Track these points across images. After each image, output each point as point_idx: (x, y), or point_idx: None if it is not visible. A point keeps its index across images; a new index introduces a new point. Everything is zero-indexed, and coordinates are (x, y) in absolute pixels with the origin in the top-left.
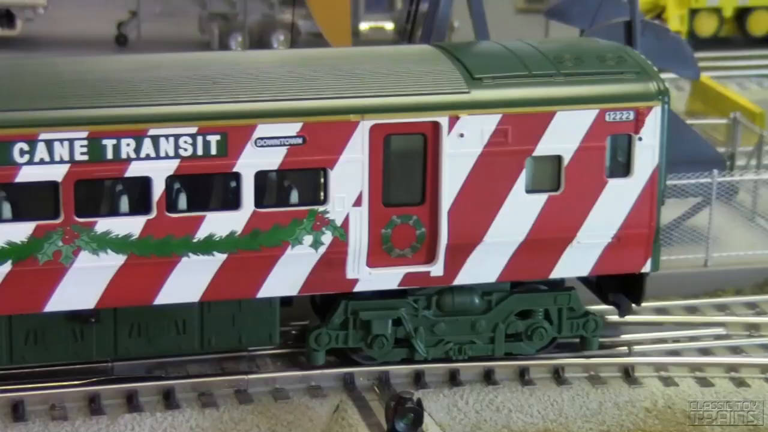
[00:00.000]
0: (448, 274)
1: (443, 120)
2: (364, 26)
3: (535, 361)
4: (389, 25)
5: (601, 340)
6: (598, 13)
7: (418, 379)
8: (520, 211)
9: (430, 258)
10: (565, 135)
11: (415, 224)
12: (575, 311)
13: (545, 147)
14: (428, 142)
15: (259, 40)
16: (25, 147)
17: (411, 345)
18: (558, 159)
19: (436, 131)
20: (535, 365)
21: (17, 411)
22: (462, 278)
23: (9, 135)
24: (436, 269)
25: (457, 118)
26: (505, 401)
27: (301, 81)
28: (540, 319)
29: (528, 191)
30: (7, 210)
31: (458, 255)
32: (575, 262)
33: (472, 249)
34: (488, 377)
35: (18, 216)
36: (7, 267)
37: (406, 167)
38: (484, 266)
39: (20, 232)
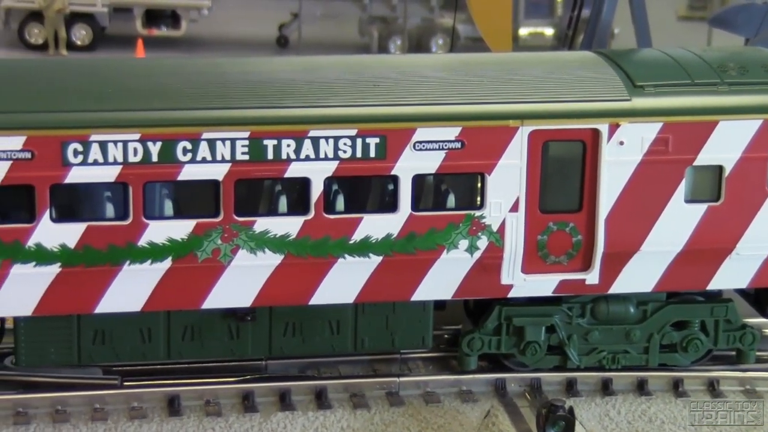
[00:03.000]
0: (603, 282)
1: (603, 127)
2: (523, 32)
3: (690, 372)
4: (549, 31)
5: (758, 353)
6: (763, 22)
7: (570, 387)
8: (678, 220)
9: (586, 266)
10: (727, 145)
11: (572, 231)
12: (732, 323)
13: (706, 157)
14: (587, 149)
15: (418, 44)
16: (188, 146)
17: (564, 352)
18: (719, 169)
19: (595, 138)
20: (690, 377)
21: (173, 405)
22: (617, 287)
23: (173, 134)
24: (592, 277)
25: (618, 125)
26: (657, 412)
27: (461, 85)
28: (696, 331)
29: (687, 201)
30: (168, 207)
31: (614, 263)
32: (734, 274)
33: (629, 258)
34: (641, 387)
35: (179, 213)
36: (167, 263)
37: (563, 174)
38: (640, 275)
39: (181, 229)
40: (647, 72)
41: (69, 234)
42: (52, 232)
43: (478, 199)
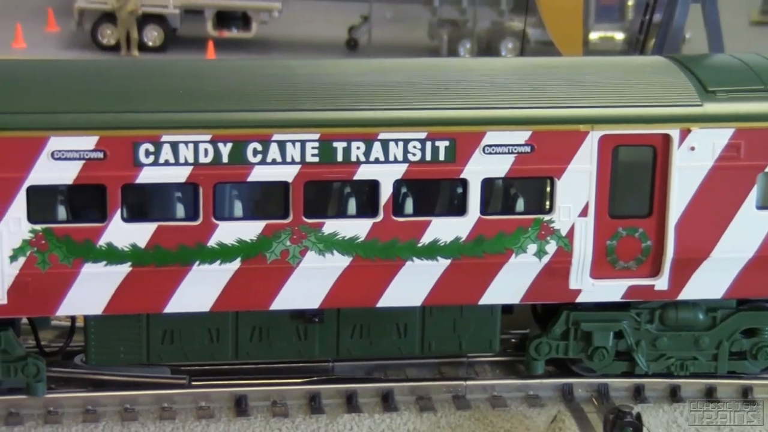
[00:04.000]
0: (672, 288)
1: (674, 133)
2: (594, 36)
3: (760, 380)
4: (620, 35)
5: None
6: None
7: (638, 393)
8: (749, 227)
9: (655, 271)
10: None
11: (641, 237)
12: None
13: None
14: (658, 154)
15: (488, 47)
16: (259, 147)
17: (632, 358)
18: None
19: (666, 144)
20: (759, 385)
21: (240, 405)
22: (687, 293)
23: (244, 135)
24: (661, 283)
25: (689, 131)
26: (726, 420)
27: (532, 89)
28: (766, 338)
29: (759, 207)
30: (238, 208)
31: (684, 269)
32: None
33: (699, 264)
34: (710, 394)
35: (248, 215)
36: (236, 264)
37: (633, 179)
38: (710, 282)
39: (250, 230)
40: (719, 77)
41: (139, 234)
42: (123, 232)
43: (547, 203)
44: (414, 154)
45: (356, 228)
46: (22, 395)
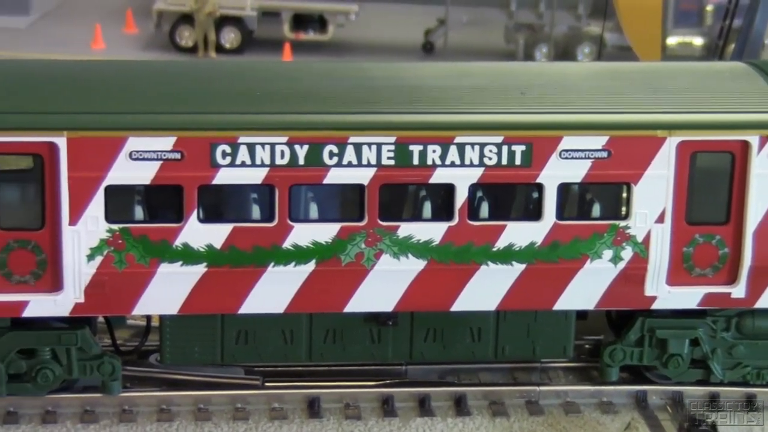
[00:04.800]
0: (750, 296)
1: (753, 139)
2: (672, 41)
3: None
4: (698, 41)
5: None
6: None
7: (713, 401)
8: None
9: (732, 279)
10: None
11: (718, 244)
12: None
13: None
14: (736, 161)
15: (564, 52)
16: (335, 149)
17: (707, 366)
18: None
19: (745, 150)
20: None
21: (313, 407)
22: (764, 301)
23: (320, 137)
24: (738, 291)
25: None
26: None
27: (609, 94)
28: None
29: None
30: (314, 210)
31: (761, 277)
32: None
33: None
34: None
35: (324, 217)
36: (311, 266)
37: (711, 185)
38: None
39: (325, 232)
40: None
41: (215, 234)
42: (199, 233)
43: (624, 209)
44: (490, 158)
45: (431, 231)
46: (98, 393)
